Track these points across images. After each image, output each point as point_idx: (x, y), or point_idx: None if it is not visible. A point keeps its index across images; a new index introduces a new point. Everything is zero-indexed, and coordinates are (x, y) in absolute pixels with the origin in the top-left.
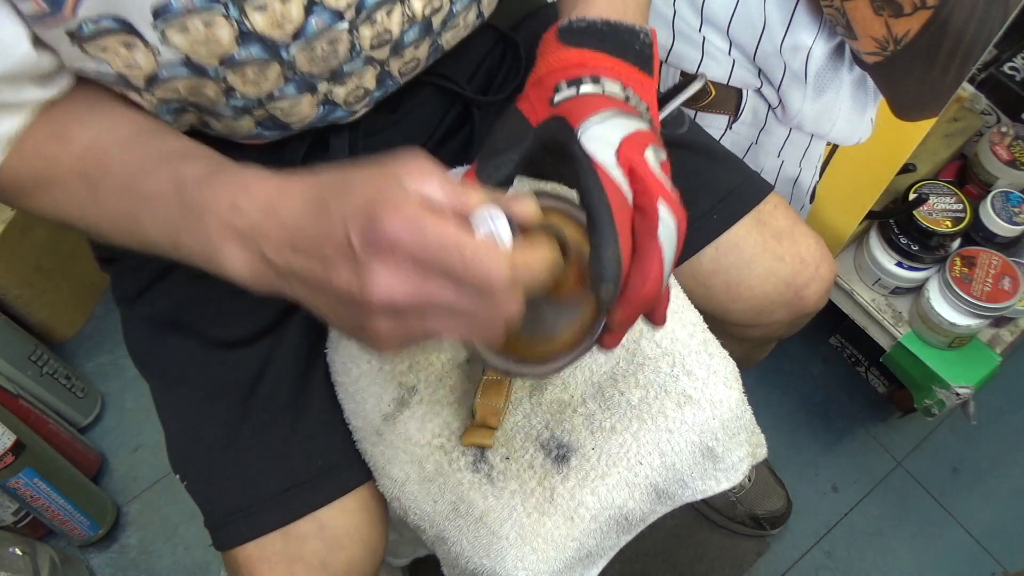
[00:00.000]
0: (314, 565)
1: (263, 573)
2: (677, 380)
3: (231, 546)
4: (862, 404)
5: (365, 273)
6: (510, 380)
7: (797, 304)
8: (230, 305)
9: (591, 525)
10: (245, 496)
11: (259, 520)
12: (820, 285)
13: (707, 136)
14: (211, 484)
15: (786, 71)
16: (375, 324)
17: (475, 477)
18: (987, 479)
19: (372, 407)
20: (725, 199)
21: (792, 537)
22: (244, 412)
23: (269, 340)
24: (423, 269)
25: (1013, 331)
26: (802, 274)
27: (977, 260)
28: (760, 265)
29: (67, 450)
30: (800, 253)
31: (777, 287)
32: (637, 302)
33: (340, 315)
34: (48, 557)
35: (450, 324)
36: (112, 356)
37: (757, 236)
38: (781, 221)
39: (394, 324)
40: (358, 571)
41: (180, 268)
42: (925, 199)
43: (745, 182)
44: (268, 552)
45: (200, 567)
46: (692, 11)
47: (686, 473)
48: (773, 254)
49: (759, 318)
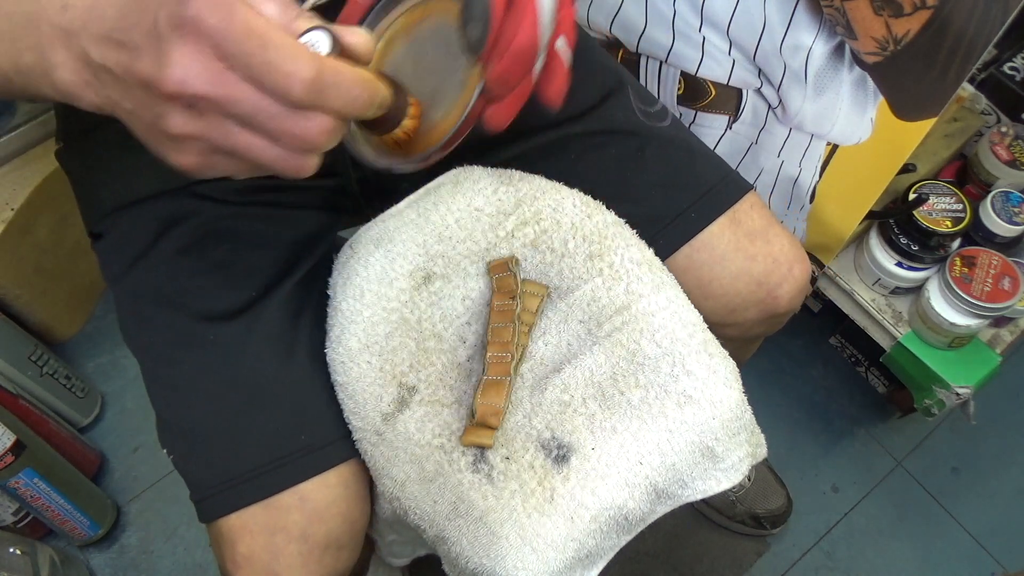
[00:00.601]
0: (294, 536)
1: (245, 543)
2: (677, 380)
3: (214, 517)
4: (862, 404)
5: (164, 54)
6: (511, 380)
7: (769, 303)
8: (213, 278)
9: (591, 525)
10: (228, 469)
11: (241, 492)
12: (793, 285)
13: (688, 132)
14: (196, 458)
15: (786, 71)
16: (172, 119)
17: (475, 477)
18: (987, 479)
19: (372, 407)
20: (704, 196)
21: (792, 537)
22: (228, 386)
23: (249, 314)
24: (224, 59)
25: (1013, 331)
26: (775, 274)
27: (977, 260)
28: (732, 263)
29: (67, 450)
30: (773, 253)
31: (748, 286)
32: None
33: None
34: (48, 557)
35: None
36: (112, 356)
37: (731, 235)
38: (756, 220)
39: (192, 123)
40: (337, 543)
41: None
42: (925, 199)
43: (724, 180)
44: (250, 523)
45: (200, 567)
46: (692, 11)
47: (686, 473)
48: (745, 253)
49: (731, 316)
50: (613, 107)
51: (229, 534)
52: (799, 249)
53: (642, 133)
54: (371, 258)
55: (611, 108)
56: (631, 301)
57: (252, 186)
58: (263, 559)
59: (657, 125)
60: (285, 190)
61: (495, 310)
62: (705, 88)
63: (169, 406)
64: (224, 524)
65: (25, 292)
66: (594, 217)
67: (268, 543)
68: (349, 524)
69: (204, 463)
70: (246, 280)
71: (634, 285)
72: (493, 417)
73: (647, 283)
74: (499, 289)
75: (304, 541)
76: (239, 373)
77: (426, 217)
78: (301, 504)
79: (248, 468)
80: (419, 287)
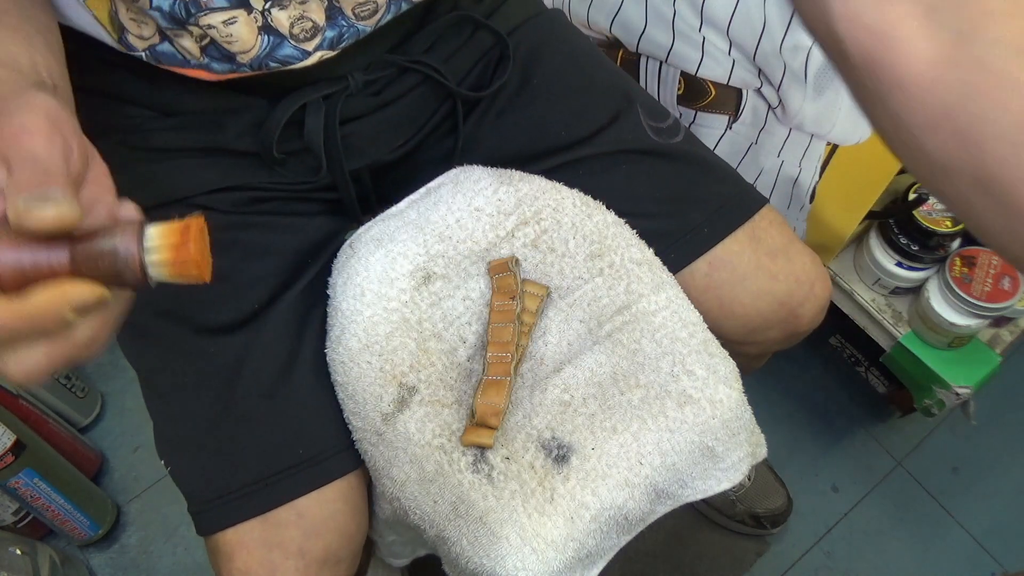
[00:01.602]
0: (292, 551)
1: (241, 558)
2: (677, 380)
3: (211, 532)
4: (862, 404)
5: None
6: (511, 380)
7: (792, 323)
8: (213, 291)
9: (591, 525)
10: (226, 483)
11: (238, 507)
12: (815, 304)
13: (701, 146)
14: (194, 470)
15: (786, 71)
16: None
17: (475, 478)
18: (987, 479)
19: (372, 407)
20: (717, 211)
21: (792, 537)
22: (227, 400)
23: (252, 327)
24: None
25: (1013, 331)
26: (797, 293)
27: (977, 260)
28: (753, 283)
29: (67, 450)
30: (795, 272)
31: (771, 306)
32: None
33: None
34: (48, 557)
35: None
36: (112, 356)
37: (751, 253)
38: (776, 238)
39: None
40: (335, 557)
41: None
42: (925, 199)
43: (738, 194)
44: (247, 538)
45: (200, 567)
46: (692, 11)
47: (686, 473)
48: (767, 272)
49: (752, 336)
50: (622, 128)
51: (226, 548)
52: (820, 267)
53: (653, 151)
54: (371, 258)
55: (620, 129)
56: (631, 301)
57: (253, 197)
58: (260, 575)
59: (668, 141)
60: (287, 200)
61: (495, 310)
62: (705, 88)
63: (167, 418)
64: (221, 539)
65: None
66: (594, 217)
67: (265, 558)
68: (347, 539)
69: (201, 476)
70: (248, 292)
71: (634, 285)
72: (493, 417)
73: (647, 283)
74: (499, 289)
75: (301, 557)
76: (238, 387)
77: (426, 217)
78: (298, 519)
79: (245, 482)
80: (419, 287)
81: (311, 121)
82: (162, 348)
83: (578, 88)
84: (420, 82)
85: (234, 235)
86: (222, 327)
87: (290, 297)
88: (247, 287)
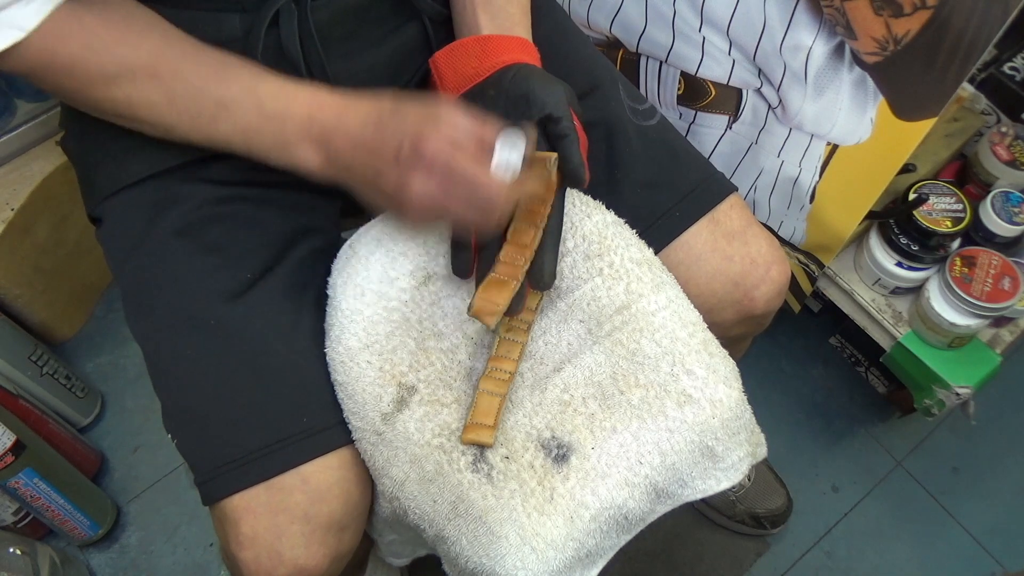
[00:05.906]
0: (297, 516)
1: (248, 523)
2: (677, 380)
3: (217, 499)
4: (862, 404)
5: (406, 179)
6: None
7: (746, 304)
8: (212, 260)
9: (591, 525)
10: (231, 451)
11: (244, 473)
12: (771, 287)
13: (674, 132)
14: (200, 441)
15: (786, 71)
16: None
17: (475, 477)
18: (987, 479)
19: (371, 407)
20: (687, 197)
21: (792, 537)
22: (229, 369)
23: (252, 294)
24: (446, 185)
25: (1013, 331)
26: (752, 275)
27: (977, 260)
28: (708, 263)
29: (67, 450)
30: (751, 254)
31: (725, 286)
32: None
33: (381, 202)
34: (48, 557)
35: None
36: (112, 356)
37: (708, 235)
38: (735, 221)
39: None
40: (339, 524)
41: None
42: (925, 199)
43: (707, 180)
44: (253, 504)
45: (200, 567)
46: (692, 11)
47: (686, 473)
48: (722, 253)
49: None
50: (602, 98)
51: (232, 515)
52: (778, 251)
53: (629, 129)
54: (372, 257)
55: (600, 99)
56: (631, 300)
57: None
58: (266, 539)
59: (644, 123)
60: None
61: (523, 209)
62: (705, 88)
63: (172, 390)
64: (227, 505)
65: (25, 292)
66: (594, 217)
67: (271, 523)
68: (351, 506)
69: (207, 446)
70: (244, 262)
71: (634, 284)
72: (489, 316)
73: (647, 282)
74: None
75: (307, 521)
76: (241, 355)
77: None
78: (303, 485)
79: (250, 450)
80: (420, 286)
81: (285, 25)
82: (164, 320)
83: (563, 54)
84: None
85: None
86: (222, 296)
87: (287, 268)
88: (242, 257)
